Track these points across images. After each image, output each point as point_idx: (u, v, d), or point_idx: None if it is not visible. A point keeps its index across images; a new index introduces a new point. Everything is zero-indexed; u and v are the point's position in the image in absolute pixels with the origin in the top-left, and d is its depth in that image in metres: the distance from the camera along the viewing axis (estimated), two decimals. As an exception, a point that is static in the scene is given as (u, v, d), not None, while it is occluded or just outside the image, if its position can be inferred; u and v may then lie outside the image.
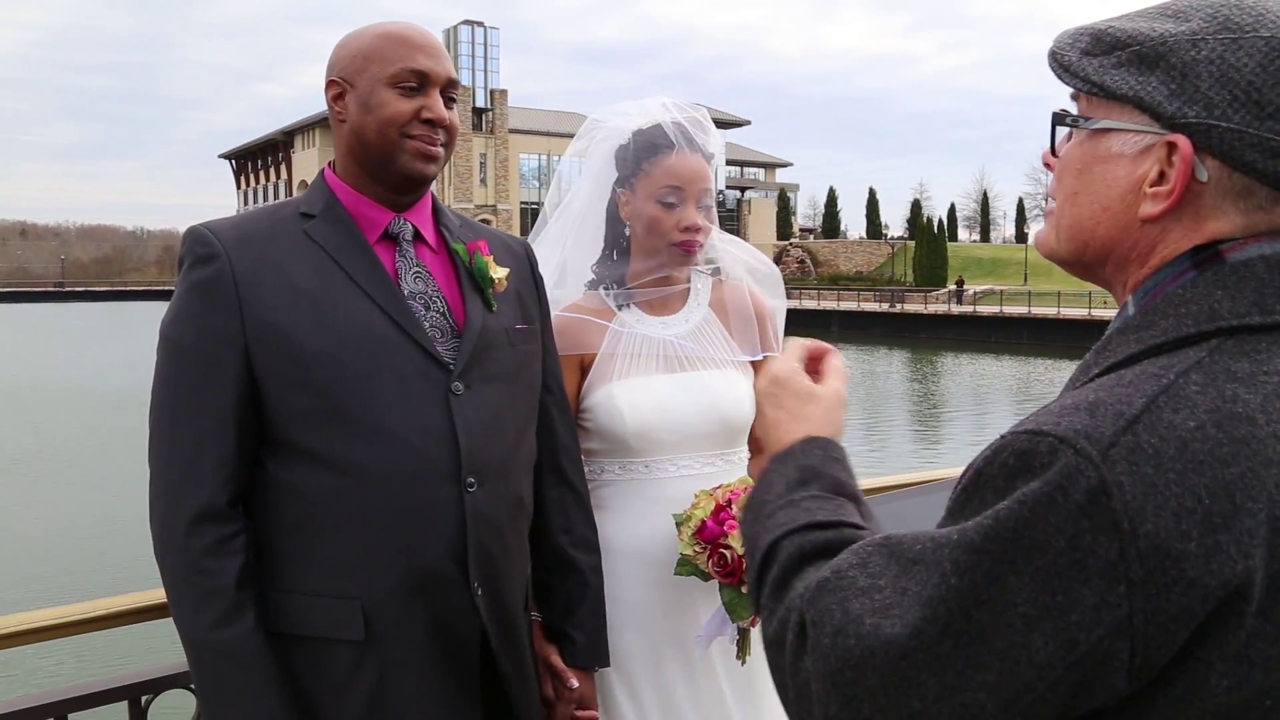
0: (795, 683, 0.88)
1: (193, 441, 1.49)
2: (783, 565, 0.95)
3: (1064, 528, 0.76)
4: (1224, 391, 0.81)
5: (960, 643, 0.79)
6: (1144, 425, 0.78)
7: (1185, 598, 0.75)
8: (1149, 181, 0.89)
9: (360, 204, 1.61)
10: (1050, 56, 0.97)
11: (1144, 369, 0.84)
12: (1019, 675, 0.78)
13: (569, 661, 1.80)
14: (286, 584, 1.53)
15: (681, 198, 1.98)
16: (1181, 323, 0.86)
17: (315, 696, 1.53)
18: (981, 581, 0.79)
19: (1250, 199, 0.86)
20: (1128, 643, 0.76)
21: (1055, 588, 0.76)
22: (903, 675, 0.80)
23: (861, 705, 0.82)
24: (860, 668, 0.82)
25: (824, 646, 0.85)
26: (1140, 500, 0.76)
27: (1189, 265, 0.89)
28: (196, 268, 1.53)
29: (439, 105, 1.58)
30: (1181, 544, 0.75)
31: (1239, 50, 0.85)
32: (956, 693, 0.79)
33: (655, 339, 2.04)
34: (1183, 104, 0.86)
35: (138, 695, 1.86)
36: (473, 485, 1.55)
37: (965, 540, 0.80)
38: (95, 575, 9.95)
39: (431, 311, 1.60)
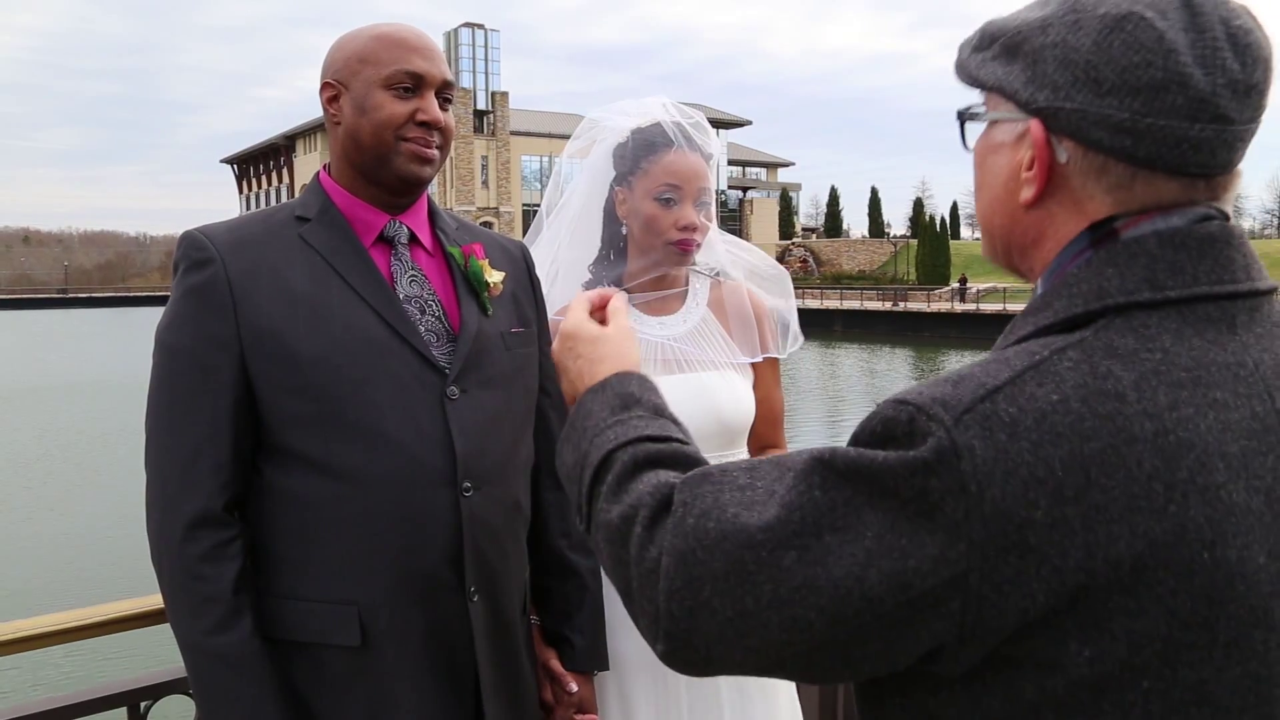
0: (640, 570, 0.90)
1: (189, 447, 1.49)
2: (619, 472, 0.98)
3: (913, 481, 0.79)
4: (1097, 368, 0.81)
5: (804, 559, 0.82)
6: (1004, 395, 0.80)
7: (1022, 562, 0.77)
8: (1024, 166, 0.91)
9: (355, 207, 1.60)
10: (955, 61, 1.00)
11: (1024, 347, 0.86)
12: (849, 603, 0.80)
13: (568, 665, 1.79)
14: (283, 589, 1.53)
15: (680, 196, 1.97)
16: (1072, 302, 0.87)
17: (312, 702, 1.52)
18: (841, 505, 0.82)
19: (1109, 176, 0.87)
20: (960, 597, 0.79)
21: (901, 531, 0.80)
22: (744, 569, 0.83)
23: (703, 586, 0.85)
24: (710, 550, 0.85)
25: (687, 526, 0.87)
26: (990, 465, 0.78)
27: (1086, 245, 0.89)
28: (191, 272, 1.52)
29: (434, 107, 1.57)
30: (1027, 512, 0.77)
31: (1079, 31, 0.86)
32: (788, 606, 0.82)
33: (653, 340, 2.03)
34: (1035, 89, 0.88)
35: (137, 701, 1.86)
36: (469, 489, 1.54)
37: (834, 463, 0.84)
38: (95, 581, 9.96)
39: (427, 315, 1.59)
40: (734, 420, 2.02)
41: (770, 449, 2.16)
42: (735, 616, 0.84)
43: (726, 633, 0.85)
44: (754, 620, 0.83)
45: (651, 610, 0.89)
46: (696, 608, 0.86)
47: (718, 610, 0.85)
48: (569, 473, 1.06)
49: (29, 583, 10.21)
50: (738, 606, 0.84)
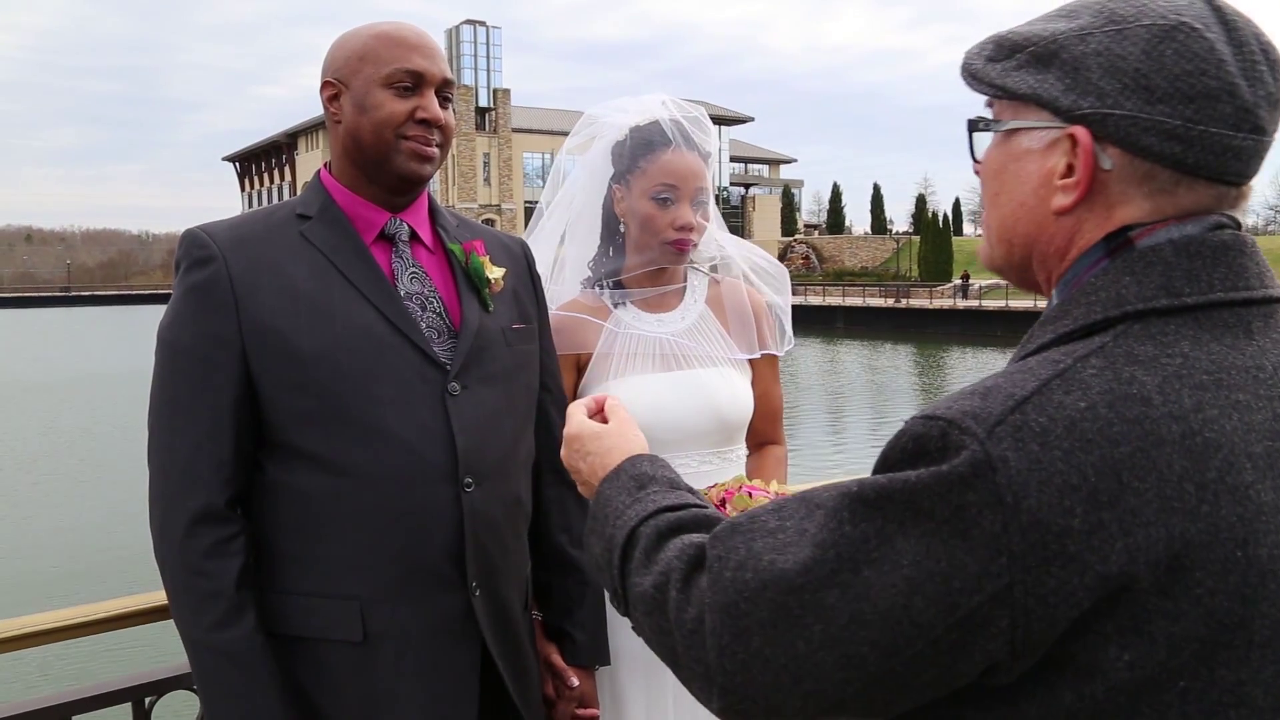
0: (683, 632, 0.90)
1: (191, 444, 1.50)
2: (644, 546, 1.00)
3: (949, 498, 0.80)
4: (1121, 374, 0.83)
5: (847, 596, 0.82)
6: (1033, 405, 0.81)
7: (1065, 572, 0.78)
8: (1058, 174, 0.91)
9: (356, 205, 1.61)
10: (961, 68, 1.00)
11: (1046, 355, 0.87)
12: (900, 633, 0.81)
13: (570, 660, 1.80)
14: (285, 585, 1.54)
15: (677, 196, 1.97)
16: (1090, 310, 0.88)
17: (314, 697, 1.53)
18: (873, 537, 0.82)
19: (1153, 182, 0.88)
20: (1008, 612, 0.79)
21: (939, 554, 0.80)
22: (790, 614, 0.84)
23: (752, 638, 0.85)
24: (753, 600, 0.85)
25: (725, 580, 0.88)
26: (1024, 475, 0.78)
27: (1102, 254, 0.91)
28: (193, 270, 1.53)
29: (434, 105, 1.58)
30: (1064, 520, 0.78)
31: (1124, 40, 0.87)
32: (840, 644, 0.82)
33: (651, 337, 2.03)
34: (1077, 96, 0.89)
35: (141, 696, 1.87)
36: (470, 485, 1.55)
37: (862, 494, 0.84)
38: (99, 577, 9.98)
39: (428, 312, 1.60)
40: (732, 416, 2.03)
41: (769, 445, 2.16)
42: (789, 662, 0.84)
43: (782, 680, 0.85)
44: (808, 663, 0.84)
45: (702, 670, 0.89)
46: (749, 660, 0.86)
47: (770, 659, 0.85)
48: (598, 562, 1.08)
49: (34, 579, 10.22)
50: (790, 652, 0.84)
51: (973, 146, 1.00)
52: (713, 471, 1.99)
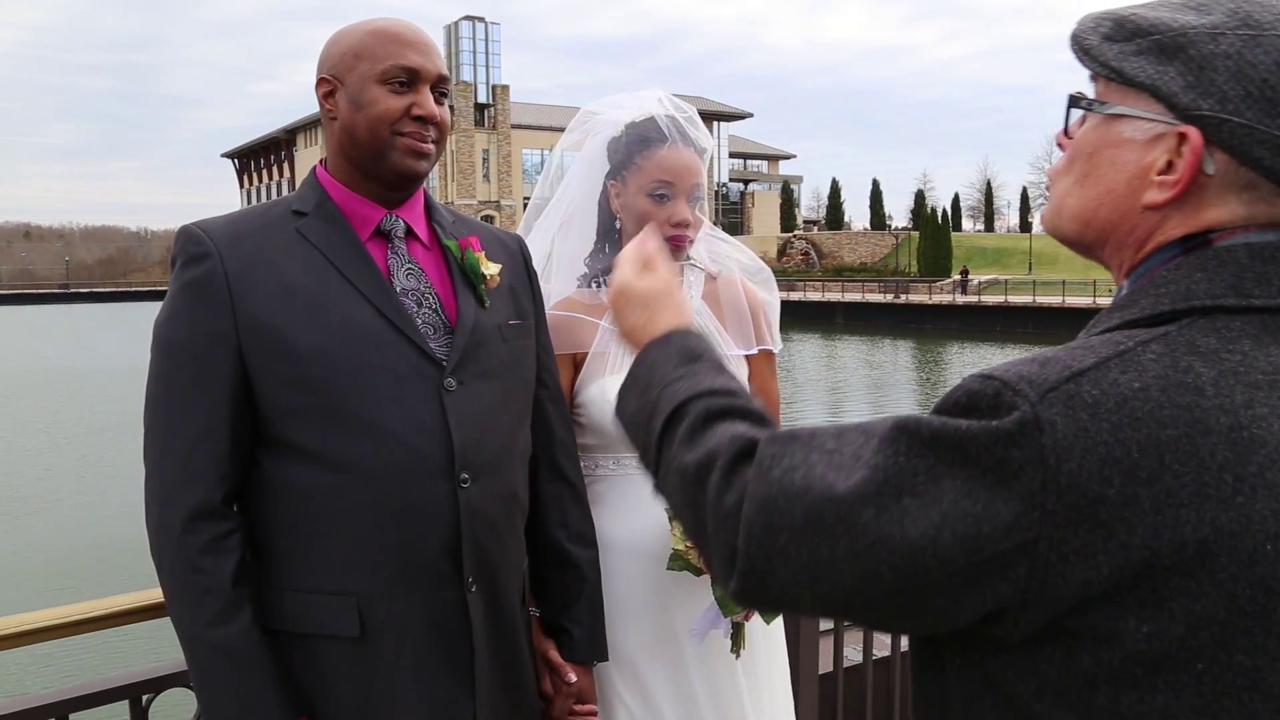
0: (719, 514, 0.95)
1: (187, 440, 1.50)
2: (693, 421, 1.03)
3: (994, 450, 0.83)
4: (1179, 362, 0.85)
5: (880, 517, 0.85)
6: (1088, 379, 0.84)
7: (1090, 536, 0.81)
8: (1156, 169, 0.91)
9: (352, 201, 1.61)
10: (1072, 39, 0.99)
11: (1109, 336, 0.89)
12: (920, 561, 0.85)
13: (567, 656, 1.80)
14: (282, 581, 1.54)
15: (673, 192, 1.97)
16: (1158, 300, 0.90)
17: (311, 693, 1.53)
18: (923, 472, 0.85)
19: (1254, 192, 0.89)
20: (1027, 563, 0.82)
21: (978, 497, 0.83)
22: (823, 521, 0.87)
23: (780, 534, 0.89)
24: (793, 500, 0.89)
25: (771, 476, 0.91)
26: (1069, 441, 0.81)
27: (1178, 251, 0.92)
28: (189, 267, 1.53)
29: (429, 102, 1.57)
30: (1100, 488, 0.81)
31: (1257, 48, 0.87)
32: (861, 559, 0.86)
33: None
34: (1197, 96, 0.88)
35: (138, 694, 1.87)
36: (466, 481, 1.55)
37: (920, 432, 0.87)
38: (96, 575, 9.98)
39: (424, 308, 1.60)
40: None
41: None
42: (809, 564, 0.88)
43: (800, 578, 0.89)
44: (827, 569, 0.88)
45: (727, 551, 0.93)
46: (773, 553, 0.90)
47: (793, 557, 0.89)
48: (632, 418, 1.12)
49: (30, 577, 10.23)
50: (813, 555, 0.88)
51: (1067, 120, 1.00)
52: (710, 467, 1.99)
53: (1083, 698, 0.85)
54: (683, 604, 1.96)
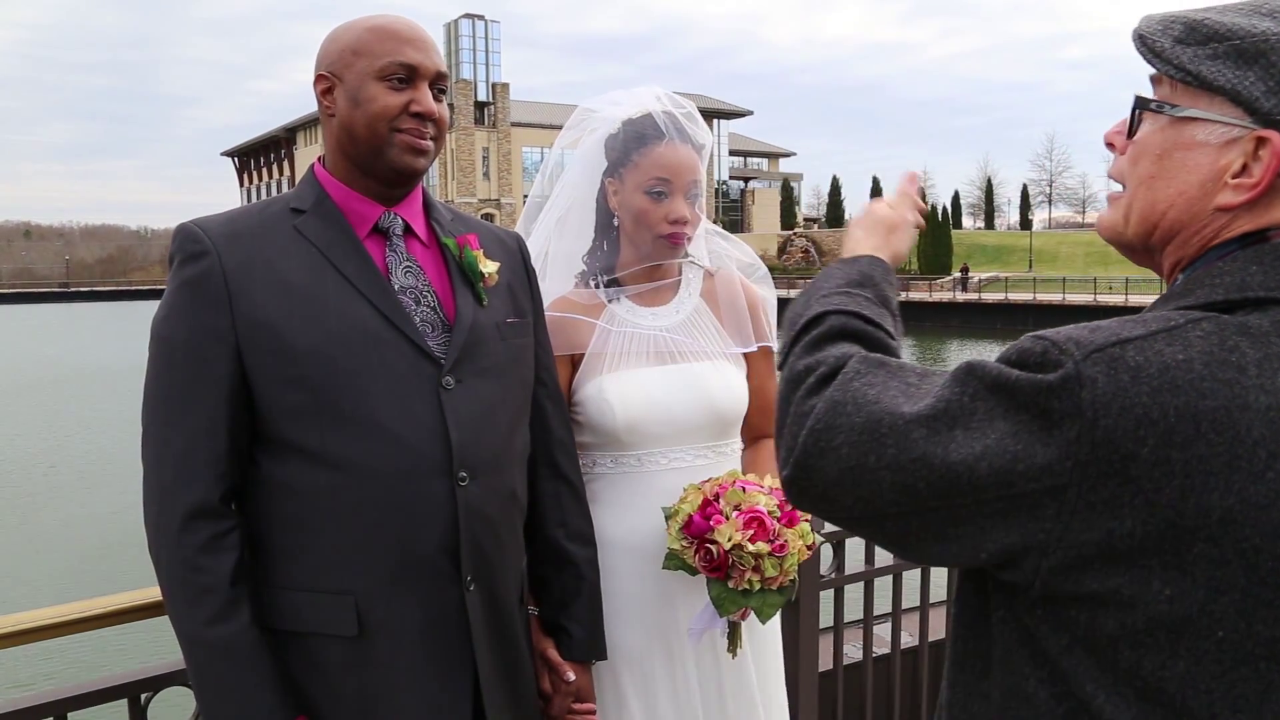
0: (798, 411, 1.02)
1: (185, 439, 1.49)
2: (823, 331, 1.11)
3: (1038, 399, 0.89)
4: (1226, 341, 0.88)
5: (929, 440, 0.92)
6: (1134, 346, 0.88)
7: (1119, 489, 0.86)
8: (1231, 172, 0.94)
9: (350, 199, 1.61)
10: (1139, 40, 1.00)
11: (1162, 313, 0.93)
12: (956, 484, 0.91)
13: (566, 655, 1.80)
14: (280, 580, 1.53)
15: (670, 189, 1.96)
16: (1214, 290, 0.93)
17: (309, 692, 1.53)
18: (981, 413, 0.92)
19: None
20: (1056, 505, 0.88)
21: (1021, 438, 0.89)
22: (878, 432, 0.95)
23: (837, 434, 0.97)
24: (858, 408, 0.97)
25: (848, 385, 0.99)
26: (1108, 399, 0.86)
27: (1236, 246, 0.96)
28: (186, 265, 1.52)
29: (428, 99, 1.57)
30: (1134, 446, 0.85)
31: None
32: (902, 470, 0.93)
33: (645, 332, 2.02)
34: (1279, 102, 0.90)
35: (137, 693, 1.86)
36: (465, 479, 1.55)
37: (985, 378, 0.93)
38: (95, 573, 9.99)
39: (422, 306, 1.60)
40: (727, 410, 2.02)
41: (764, 439, 2.16)
42: (856, 467, 0.95)
43: (844, 479, 0.97)
44: (870, 475, 0.95)
45: (790, 443, 1.01)
46: (826, 449, 0.97)
47: (844, 458, 0.96)
48: (792, 319, 1.18)
49: (30, 575, 10.24)
50: (861, 460, 0.95)
51: (1133, 121, 1.01)
52: (707, 466, 1.99)
53: (1107, 657, 0.90)
54: (680, 603, 1.96)
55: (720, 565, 1.78)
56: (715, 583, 1.81)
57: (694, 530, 1.80)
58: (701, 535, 1.79)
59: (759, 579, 1.78)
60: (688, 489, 1.87)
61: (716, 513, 1.79)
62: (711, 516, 1.79)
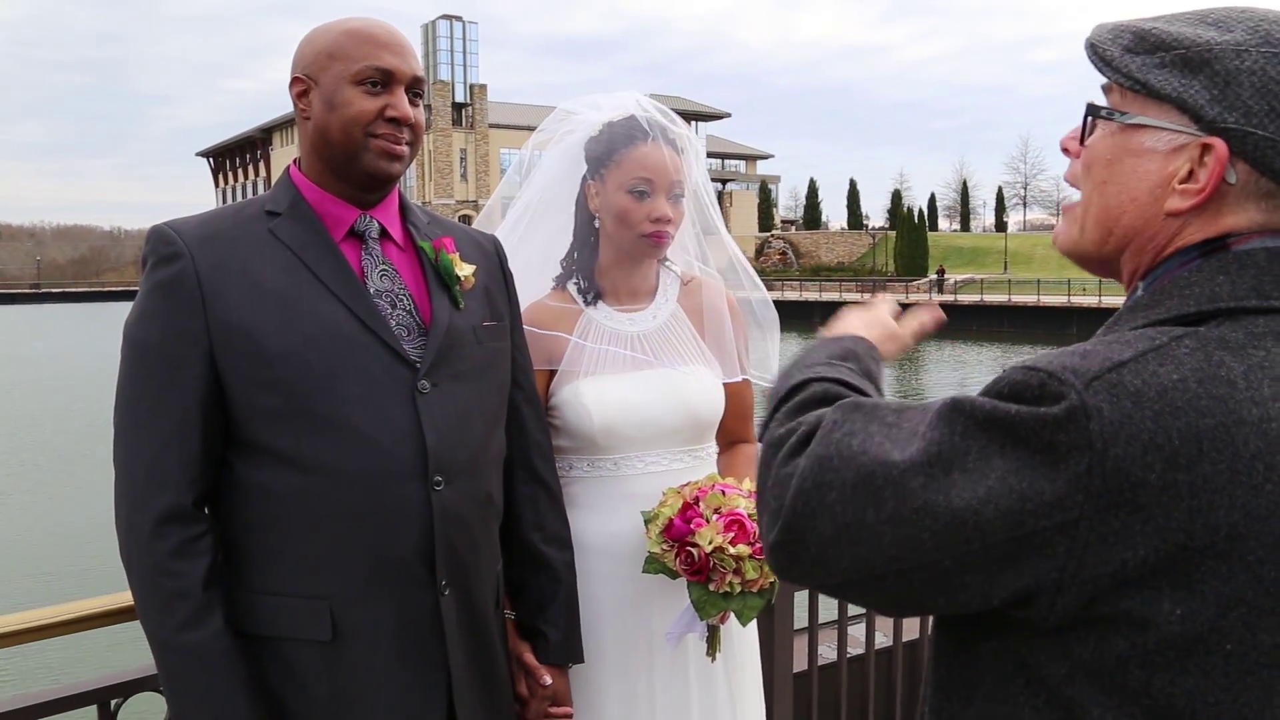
0: (779, 474, 0.98)
1: (157, 442, 1.48)
2: (805, 396, 1.08)
3: (1044, 434, 0.87)
4: (1211, 357, 0.89)
5: (929, 486, 0.89)
6: (1129, 370, 0.88)
7: (1130, 519, 0.85)
8: (1179, 178, 0.95)
9: (325, 202, 1.60)
10: (1090, 48, 1.02)
11: (1143, 332, 0.93)
12: (962, 531, 0.88)
13: (542, 659, 1.80)
14: (253, 584, 1.53)
15: (652, 189, 1.96)
16: (1184, 302, 0.94)
17: (283, 696, 1.52)
18: (975, 452, 0.89)
19: (1272, 200, 0.94)
20: (1068, 542, 0.86)
21: (1025, 476, 0.87)
22: (874, 483, 0.91)
23: (829, 492, 0.93)
24: (846, 462, 0.93)
25: (831, 439, 0.96)
26: (1115, 427, 0.85)
27: (1197, 254, 0.96)
28: (160, 267, 1.51)
29: (404, 103, 1.56)
30: (1143, 473, 0.85)
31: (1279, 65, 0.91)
32: (905, 524, 0.90)
33: (623, 335, 2.03)
34: (1223, 109, 0.92)
35: (107, 699, 1.84)
36: (440, 483, 1.54)
37: (974, 414, 0.91)
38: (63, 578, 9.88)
39: (398, 309, 1.59)
40: (704, 415, 2.03)
41: (740, 443, 2.17)
42: (852, 524, 0.91)
43: (841, 538, 0.92)
44: (869, 531, 0.91)
45: (775, 505, 0.97)
46: (818, 509, 0.93)
47: (838, 515, 0.92)
48: (776, 392, 1.16)
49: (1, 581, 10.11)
50: (857, 516, 0.91)
51: (1085, 130, 1.03)
52: (684, 469, 1.99)
53: (1115, 680, 0.89)
54: (659, 606, 1.96)
55: (702, 568, 1.78)
56: (696, 586, 1.81)
57: (675, 534, 1.80)
58: (682, 538, 1.79)
59: (740, 581, 1.78)
60: (667, 493, 1.87)
61: (697, 516, 1.80)
62: (692, 520, 1.80)
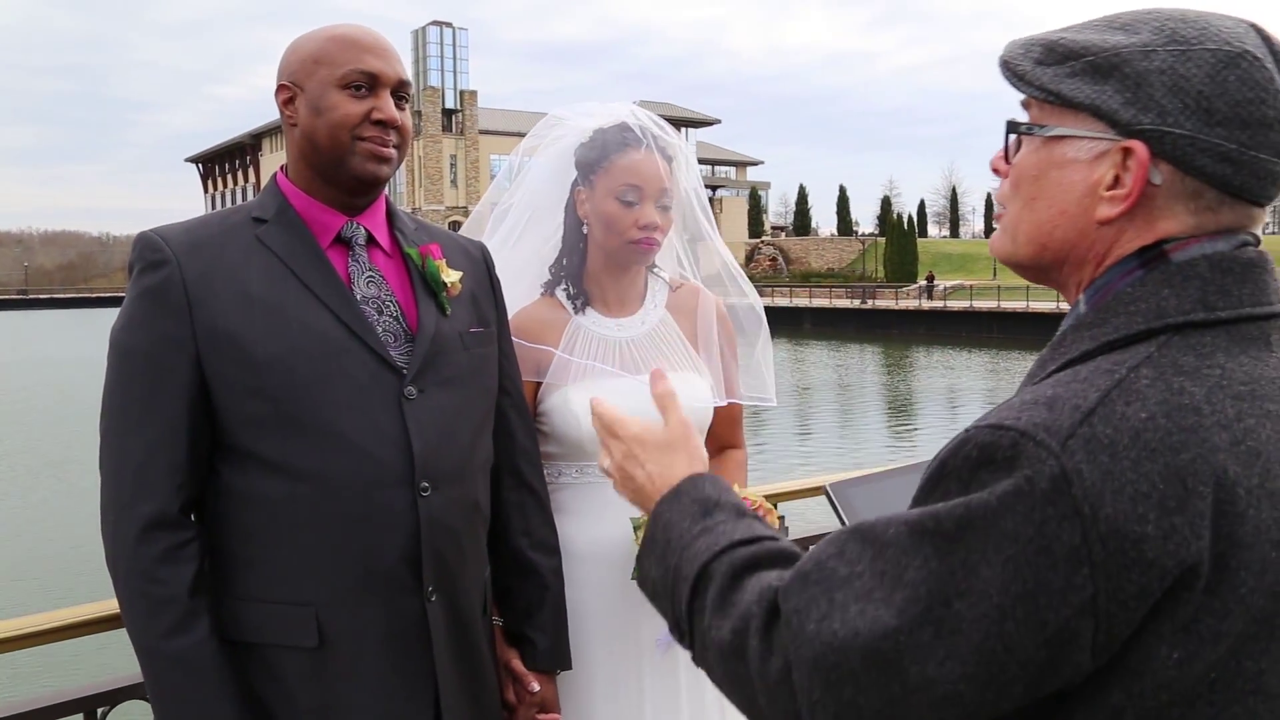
0: (767, 683, 0.90)
1: (143, 449, 1.48)
2: (720, 584, 0.97)
3: (1031, 516, 0.81)
4: (1171, 385, 0.86)
5: (941, 632, 0.83)
6: (1099, 417, 0.84)
7: (1144, 577, 0.81)
8: (1104, 185, 0.93)
9: (312, 208, 1.60)
10: (1002, 65, 1.01)
11: (1098, 365, 0.90)
12: (994, 661, 0.82)
13: (530, 665, 1.79)
14: (239, 591, 1.52)
15: (640, 196, 1.96)
16: (1132, 320, 0.91)
17: (269, 703, 1.52)
18: (960, 569, 0.83)
19: (1200, 200, 0.92)
20: (1092, 621, 0.81)
21: (1025, 575, 0.81)
22: (885, 658, 0.84)
23: (844, 688, 0.85)
24: (844, 650, 0.85)
25: (809, 633, 0.87)
26: (1099, 486, 0.81)
27: (1136, 265, 0.94)
28: (146, 274, 1.51)
29: (390, 107, 1.57)
30: (1139, 526, 0.80)
31: (1188, 61, 0.90)
32: (937, 684, 0.83)
33: (611, 341, 2.03)
34: (1138, 111, 0.90)
35: (94, 707, 1.83)
36: (427, 490, 1.54)
37: (941, 527, 0.84)
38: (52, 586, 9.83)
39: (384, 316, 1.59)
40: (693, 421, 2.02)
41: (729, 449, 2.17)
42: (884, 707, 0.84)
43: None
44: (903, 705, 0.84)
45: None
46: (841, 710, 0.85)
47: (864, 707, 0.85)
48: (655, 589, 1.07)
49: (-12, 589, 10.04)
50: (885, 696, 0.84)
51: (1008, 148, 1.01)
52: (671, 475, 1.99)
53: None
54: (648, 613, 1.94)
55: None
56: None
57: None
58: None
59: None
60: None
61: None
62: None
